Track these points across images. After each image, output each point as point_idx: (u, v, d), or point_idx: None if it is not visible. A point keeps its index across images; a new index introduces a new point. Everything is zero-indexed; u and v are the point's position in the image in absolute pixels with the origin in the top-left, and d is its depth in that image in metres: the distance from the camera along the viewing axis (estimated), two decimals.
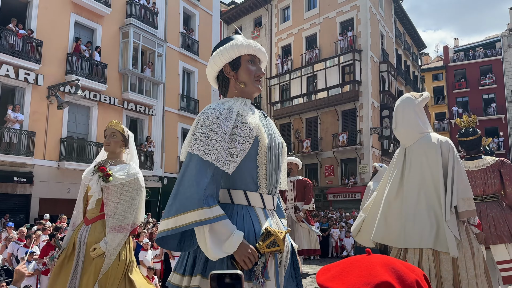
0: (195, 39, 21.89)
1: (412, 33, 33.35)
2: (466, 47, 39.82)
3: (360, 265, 0.91)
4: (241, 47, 2.17)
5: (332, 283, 0.89)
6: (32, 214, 13.79)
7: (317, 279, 0.94)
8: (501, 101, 34.64)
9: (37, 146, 14.16)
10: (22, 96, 14.30)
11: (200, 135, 1.90)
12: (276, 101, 26.76)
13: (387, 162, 24.82)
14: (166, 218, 1.83)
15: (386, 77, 25.31)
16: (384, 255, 0.97)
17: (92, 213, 3.61)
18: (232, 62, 2.19)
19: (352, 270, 0.90)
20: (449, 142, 3.14)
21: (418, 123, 3.21)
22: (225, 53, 2.16)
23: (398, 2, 29.27)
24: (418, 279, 0.89)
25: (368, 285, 0.84)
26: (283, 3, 28.22)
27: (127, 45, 17.56)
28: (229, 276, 1.04)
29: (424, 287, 0.89)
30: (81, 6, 16.20)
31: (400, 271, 0.88)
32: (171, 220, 1.81)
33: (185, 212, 1.78)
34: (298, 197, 8.40)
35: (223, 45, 2.20)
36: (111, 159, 3.77)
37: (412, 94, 3.36)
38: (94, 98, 16.22)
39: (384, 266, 0.89)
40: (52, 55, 15.00)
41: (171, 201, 1.85)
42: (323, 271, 0.96)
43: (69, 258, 3.52)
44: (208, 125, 1.92)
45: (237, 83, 2.19)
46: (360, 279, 0.87)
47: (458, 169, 3.04)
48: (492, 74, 35.56)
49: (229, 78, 2.21)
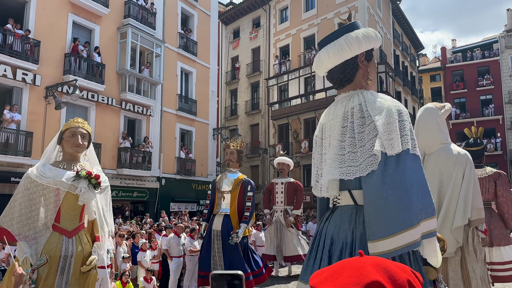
0: (193, 40, 21.89)
1: (410, 34, 33.43)
2: (464, 48, 39.93)
3: (351, 266, 0.92)
4: (379, 40, 2.09)
5: (324, 284, 0.90)
6: None
7: (309, 282, 0.95)
8: (498, 102, 34.74)
9: (35, 146, 14.12)
10: (19, 97, 14.26)
11: (410, 132, 1.82)
12: (274, 102, 26.77)
13: None
14: (410, 228, 1.70)
15: (384, 78, 25.35)
16: (376, 256, 0.97)
17: (72, 224, 3.16)
18: (369, 51, 2.10)
19: (344, 272, 0.91)
20: (468, 155, 3.42)
21: (440, 134, 3.48)
22: (371, 40, 2.03)
23: (396, 3, 29.35)
24: (410, 279, 0.89)
25: (358, 285, 0.85)
26: (281, 4, 28.25)
27: (125, 45, 17.55)
28: (230, 276, 1.05)
29: (417, 287, 0.90)
30: (79, 6, 16.18)
31: (392, 271, 0.89)
32: (418, 228, 1.72)
33: (427, 218, 1.75)
34: (288, 200, 8.19)
35: (353, 30, 2.06)
36: (71, 161, 3.29)
37: (435, 105, 3.60)
38: (92, 99, 16.19)
39: (376, 266, 0.90)
40: (50, 56, 14.97)
41: (404, 208, 1.71)
42: (316, 274, 0.97)
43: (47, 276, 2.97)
44: (408, 120, 1.86)
45: (367, 76, 2.09)
46: (350, 280, 0.87)
47: (474, 181, 3.37)
48: (489, 75, 35.66)
49: (358, 68, 2.07)
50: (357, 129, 1.92)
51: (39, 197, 3.11)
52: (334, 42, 2.10)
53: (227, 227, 6.21)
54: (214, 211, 6.54)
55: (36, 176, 3.12)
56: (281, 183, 8.14)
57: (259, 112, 28.40)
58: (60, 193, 3.11)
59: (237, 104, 30.27)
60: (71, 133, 3.27)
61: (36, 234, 3.06)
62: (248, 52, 30.13)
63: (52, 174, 3.11)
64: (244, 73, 29.86)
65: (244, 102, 29.43)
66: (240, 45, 30.77)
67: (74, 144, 3.24)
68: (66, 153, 3.33)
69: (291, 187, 8.17)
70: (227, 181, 6.60)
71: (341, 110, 2.04)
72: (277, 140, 26.93)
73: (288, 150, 25.70)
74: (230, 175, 6.68)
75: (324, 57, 2.11)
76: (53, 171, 3.14)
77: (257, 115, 28.56)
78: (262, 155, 26.83)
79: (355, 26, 2.12)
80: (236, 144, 6.77)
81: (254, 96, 29.39)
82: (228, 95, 31.10)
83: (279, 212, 8.01)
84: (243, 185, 6.47)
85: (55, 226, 3.11)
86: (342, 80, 2.12)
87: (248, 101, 29.34)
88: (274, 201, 8.10)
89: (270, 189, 8.61)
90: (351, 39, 2.02)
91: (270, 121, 27.42)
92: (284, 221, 7.91)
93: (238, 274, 1.04)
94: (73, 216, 3.16)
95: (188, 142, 21.44)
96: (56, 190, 3.11)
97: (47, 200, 3.12)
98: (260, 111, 28.31)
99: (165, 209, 17.14)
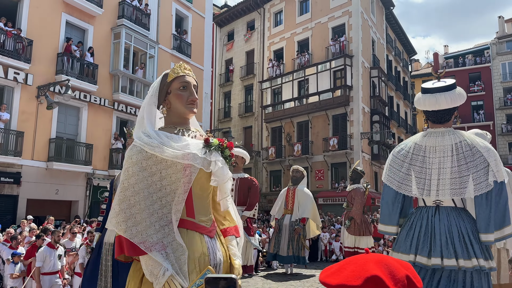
0: (187, 41, 21.87)
1: (403, 39, 33.70)
2: (456, 54, 40.34)
3: (356, 262, 1.00)
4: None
5: (330, 278, 0.99)
6: (19, 215, 13.59)
7: (319, 277, 1.05)
8: (489, 108, 35.15)
9: (26, 146, 14.00)
10: (11, 96, 14.14)
11: (501, 165, 2.86)
12: (267, 105, 26.81)
13: (377, 166, 24.99)
14: (507, 226, 2.78)
15: (376, 82, 25.53)
16: (380, 254, 1.04)
17: (207, 216, 2.17)
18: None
19: (348, 267, 1.00)
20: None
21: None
22: (464, 99, 3.01)
23: (390, 8, 29.58)
24: (409, 275, 0.96)
25: (359, 279, 0.93)
26: (276, 7, 28.34)
27: (118, 46, 17.48)
28: (224, 279, 1.04)
29: (416, 282, 0.96)
30: (73, 6, 16.09)
31: (392, 267, 0.96)
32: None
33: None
34: (240, 199, 6.94)
35: (456, 88, 3.02)
36: (181, 125, 2.23)
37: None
38: (84, 99, 16.10)
39: (378, 263, 0.97)
40: (42, 55, 14.87)
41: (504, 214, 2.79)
42: (325, 270, 1.07)
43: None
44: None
45: (453, 120, 3.13)
46: (353, 274, 0.95)
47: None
48: (480, 81, 36.07)
49: (451, 116, 3.05)
50: (468, 159, 2.83)
51: (161, 180, 2.01)
52: (452, 93, 2.96)
53: None
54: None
55: (155, 148, 2.00)
56: (232, 178, 7.03)
57: (252, 114, 28.43)
58: (191, 172, 2.04)
59: (230, 106, 30.28)
60: (182, 84, 2.19)
61: (164, 239, 1.95)
62: (242, 55, 30.17)
63: (180, 144, 2.05)
64: (238, 75, 29.89)
65: (238, 105, 29.44)
66: (234, 47, 30.80)
67: (189, 100, 2.18)
68: (174, 114, 2.22)
69: (244, 184, 6.95)
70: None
71: (448, 142, 2.93)
72: (270, 143, 26.96)
73: (281, 153, 25.74)
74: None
75: (442, 101, 2.95)
76: (176, 139, 2.07)
77: (251, 117, 28.58)
78: (255, 158, 26.83)
79: (456, 85, 3.06)
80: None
81: (248, 98, 29.41)
82: (222, 97, 31.09)
83: None
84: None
85: (187, 222, 2.05)
86: (443, 119, 3.02)
87: (242, 103, 29.36)
88: None
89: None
90: (462, 94, 2.99)
91: (263, 123, 27.46)
92: None
93: (232, 277, 1.04)
94: (207, 205, 2.18)
95: None
96: (185, 168, 2.04)
97: (172, 184, 2.02)
98: (254, 114, 28.34)
99: None
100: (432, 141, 3.00)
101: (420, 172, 3.00)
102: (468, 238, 2.79)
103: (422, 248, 2.89)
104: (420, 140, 3.07)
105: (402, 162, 3.09)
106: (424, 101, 3.03)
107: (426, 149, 3.00)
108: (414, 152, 3.05)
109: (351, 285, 0.92)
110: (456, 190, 2.85)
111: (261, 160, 26.81)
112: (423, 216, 3.01)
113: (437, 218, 2.92)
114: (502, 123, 34.36)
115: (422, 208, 3.07)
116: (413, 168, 3.03)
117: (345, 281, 0.94)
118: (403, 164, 3.08)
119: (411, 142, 3.14)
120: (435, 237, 2.87)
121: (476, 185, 2.78)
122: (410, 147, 3.10)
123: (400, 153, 3.15)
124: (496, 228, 2.75)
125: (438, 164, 2.93)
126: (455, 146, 2.89)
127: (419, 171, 3.01)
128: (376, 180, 25.10)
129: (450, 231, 2.83)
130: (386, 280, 0.91)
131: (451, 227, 2.85)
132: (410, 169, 3.03)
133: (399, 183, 3.06)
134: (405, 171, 3.06)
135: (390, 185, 3.12)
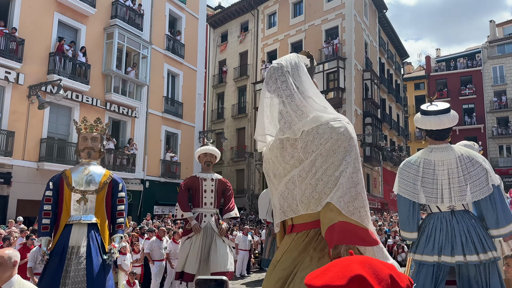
0: (180, 42, 21.82)
1: (396, 43, 33.92)
2: (448, 58, 40.67)
3: (340, 264, 1.02)
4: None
5: (315, 280, 1.00)
6: (10, 215, 13.44)
7: (304, 280, 1.06)
8: (480, 112, 35.47)
9: (16, 146, 13.87)
10: (2, 95, 14.00)
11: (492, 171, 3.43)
12: None
13: (369, 168, 25.10)
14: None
15: (369, 85, 25.66)
16: (365, 255, 1.06)
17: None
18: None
19: (333, 268, 1.01)
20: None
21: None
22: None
23: (383, 11, 29.75)
24: (393, 274, 0.99)
25: (343, 279, 0.95)
26: (270, 9, 28.38)
27: (111, 46, 17.39)
28: (214, 281, 1.04)
29: (400, 282, 0.98)
30: (65, 6, 15.99)
31: (376, 267, 0.98)
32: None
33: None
34: (218, 201, 6.50)
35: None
36: None
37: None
38: (76, 99, 15.99)
39: (361, 263, 0.99)
40: (34, 54, 14.75)
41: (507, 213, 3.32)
42: (311, 273, 1.08)
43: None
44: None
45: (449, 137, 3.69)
46: (337, 274, 0.97)
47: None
48: (472, 84, 36.40)
49: (449, 134, 3.63)
50: (469, 169, 3.34)
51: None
52: (452, 114, 3.58)
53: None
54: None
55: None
56: (210, 179, 6.33)
57: (245, 116, 28.42)
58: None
59: (223, 107, 30.24)
60: None
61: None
62: (235, 56, 30.16)
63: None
64: (231, 76, 29.87)
65: (231, 106, 29.42)
66: (227, 48, 30.78)
67: None
68: None
69: (221, 185, 6.47)
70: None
71: (452, 156, 3.43)
72: None
73: None
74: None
75: (446, 121, 3.52)
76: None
77: (244, 119, 28.57)
78: (248, 159, 26.82)
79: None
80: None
81: (241, 100, 29.39)
82: (215, 99, 31.05)
83: (208, 216, 6.18)
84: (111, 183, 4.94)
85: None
86: (444, 136, 3.57)
87: (235, 105, 29.33)
88: (200, 202, 6.24)
89: (190, 186, 6.44)
90: (456, 115, 3.61)
91: None
92: (217, 228, 6.12)
93: (222, 279, 1.04)
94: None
95: (174, 145, 21.32)
96: None
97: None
98: (247, 115, 28.32)
99: (148, 212, 16.97)
100: (438, 156, 3.51)
101: (432, 183, 3.47)
102: (482, 235, 3.25)
103: (445, 248, 3.29)
104: (428, 155, 3.57)
105: (414, 175, 3.54)
106: (430, 122, 3.56)
107: (436, 163, 3.49)
108: (425, 166, 3.52)
109: (335, 285, 0.94)
110: (465, 196, 3.34)
111: (253, 162, 26.80)
112: (441, 220, 3.43)
113: (455, 221, 3.37)
114: (493, 126, 34.69)
115: (438, 214, 3.49)
116: (424, 179, 3.49)
117: (329, 281, 0.96)
118: (416, 177, 3.52)
119: (418, 157, 3.62)
120: (455, 238, 3.27)
121: (479, 190, 3.29)
122: (420, 162, 3.57)
123: (409, 167, 3.60)
124: (508, 222, 3.27)
125: (447, 175, 3.42)
126: (458, 159, 3.41)
127: (431, 182, 3.48)
128: (368, 182, 25.20)
129: (469, 231, 3.28)
130: (370, 279, 0.93)
131: (468, 228, 3.30)
132: (421, 180, 3.48)
133: (413, 194, 3.48)
134: (416, 183, 3.50)
135: (404, 195, 3.52)
